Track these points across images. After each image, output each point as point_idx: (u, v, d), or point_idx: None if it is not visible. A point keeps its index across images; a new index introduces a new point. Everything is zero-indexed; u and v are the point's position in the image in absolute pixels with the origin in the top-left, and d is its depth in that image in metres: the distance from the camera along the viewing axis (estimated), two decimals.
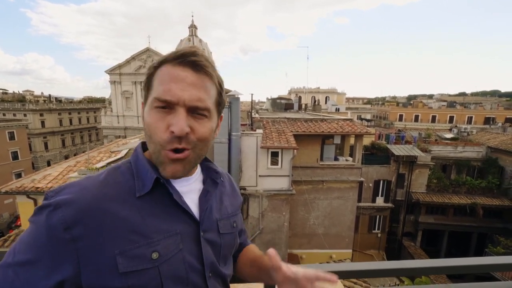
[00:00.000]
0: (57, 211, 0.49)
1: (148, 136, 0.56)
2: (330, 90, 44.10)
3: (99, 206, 0.51)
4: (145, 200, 0.55)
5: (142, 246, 0.52)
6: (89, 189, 0.53)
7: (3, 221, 20.11)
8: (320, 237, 10.50)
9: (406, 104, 42.65)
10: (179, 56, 0.54)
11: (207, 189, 0.67)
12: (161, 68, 0.56)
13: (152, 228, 0.54)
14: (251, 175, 8.73)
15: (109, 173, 0.57)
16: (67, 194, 0.51)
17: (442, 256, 15.48)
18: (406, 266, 0.80)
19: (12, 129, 23.09)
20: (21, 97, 47.97)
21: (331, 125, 10.08)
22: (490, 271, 0.95)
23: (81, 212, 0.49)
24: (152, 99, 0.54)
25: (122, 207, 0.53)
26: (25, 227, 8.04)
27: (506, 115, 31.90)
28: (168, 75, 0.54)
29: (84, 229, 0.49)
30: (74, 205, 0.50)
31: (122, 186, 0.56)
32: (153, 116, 0.54)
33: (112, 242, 0.50)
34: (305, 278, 0.60)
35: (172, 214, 0.58)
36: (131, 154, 0.64)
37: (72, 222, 0.49)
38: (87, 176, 0.57)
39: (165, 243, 0.54)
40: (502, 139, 16.74)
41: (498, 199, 14.41)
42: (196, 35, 35.60)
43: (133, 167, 0.59)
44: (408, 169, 14.16)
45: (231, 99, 7.98)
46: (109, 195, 0.53)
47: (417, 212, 15.10)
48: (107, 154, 9.44)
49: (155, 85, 0.55)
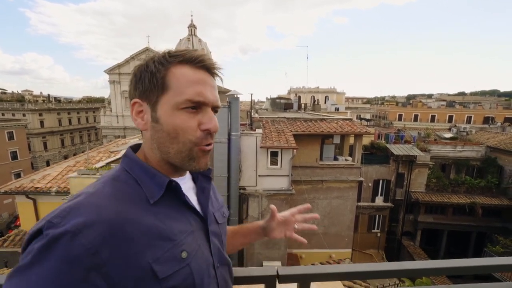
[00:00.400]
0: (79, 238, 0.43)
1: (172, 137, 0.56)
2: (329, 89, 44.12)
3: (121, 221, 0.49)
4: (159, 204, 0.56)
5: (171, 249, 0.53)
6: (104, 206, 0.49)
7: (2, 221, 20.08)
8: (319, 237, 10.51)
9: (406, 104, 42.69)
10: (198, 60, 0.57)
11: (202, 185, 0.69)
12: (177, 69, 0.56)
13: (174, 230, 0.56)
14: (251, 175, 8.74)
15: (114, 185, 0.55)
16: (80, 216, 0.46)
17: (441, 255, 15.52)
18: (407, 268, 0.81)
19: (11, 129, 23.04)
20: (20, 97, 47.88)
21: (330, 125, 10.09)
22: (490, 272, 0.95)
23: (106, 232, 0.46)
24: (181, 100, 0.55)
25: (141, 217, 0.52)
26: (24, 227, 8.03)
27: (505, 115, 31.98)
28: (194, 78, 0.57)
29: (113, 249, 0.46)
30: (96, 226, 0.46)
31: (133, 196, 0.55)
32: (181, 117, 0.56)
33: (144, 253, 0.49)
34: (290, 214, 0.90)
35: (183, 214, 0.60)
36: (123, 161, 0.62)
37: (99, 245, 0.45)
38: (88, 193, 0.52)
39: (188, 242, 0.57)
40: (501, 138, 16.78)
41: (497, 198, 14.44)
42: (195, 34, 35.57)
43: (133, 174, 0.58)
44: (407, 169, 14.18)
45: (230, 99, 7.98)
46: (126, 208, 0.51)
47: (417, 211, 15.12)
48: (107, 154, 9.44)
49: (176, 85, 0.55)
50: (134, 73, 0.60)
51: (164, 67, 0.56)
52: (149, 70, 0.57)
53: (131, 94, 0.61)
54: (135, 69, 0.60)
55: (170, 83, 0.56)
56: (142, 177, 0.57)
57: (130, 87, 0.61)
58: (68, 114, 35.87)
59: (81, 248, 0.43)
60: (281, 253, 9.23)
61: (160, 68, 0.56)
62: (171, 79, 0.56)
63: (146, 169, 0.58)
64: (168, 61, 0.57)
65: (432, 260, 0.89)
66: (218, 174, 8.00)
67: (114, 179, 0.56)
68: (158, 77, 0.56)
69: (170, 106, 0.56)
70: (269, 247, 9.16)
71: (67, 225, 0.44)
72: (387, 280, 7.96)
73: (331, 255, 10.53)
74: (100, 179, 0.57)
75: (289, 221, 0.90)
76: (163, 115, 0.56)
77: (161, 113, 0.56)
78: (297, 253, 10.63)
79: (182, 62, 0.57)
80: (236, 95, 8.12)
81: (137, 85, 0.58)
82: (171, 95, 0.56)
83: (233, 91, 8.35)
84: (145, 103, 0.58)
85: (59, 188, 7.42)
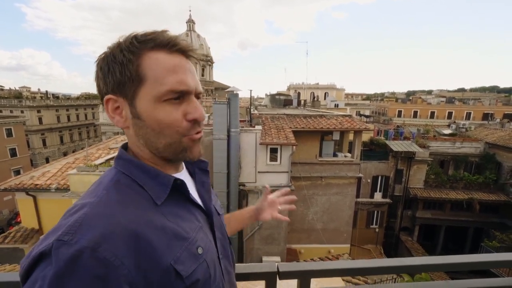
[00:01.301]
0: (100, 252, 0.40)
1: (157, 132, 0.53)
2: (329, 86, 43.95)
3: (137, 227, 0.47)
4: (166, 204, 0.55)
5: (188, 247, 0.53)
6: (117, 214, 0.46)
7: (3, 217, 20.12)
8: (318, 232, 10.60)
9: (405, 100, 42.60)
10: (172, 43, 0.52)
11: (201, 179, 0.68)
12: (150, 55, 0.51)
13: (185, 227, 0.55)
14: (250, 171, 8.76)
15: (118, 191, 0.51)
16: (95, 228, 0.43)
17: (439, 250, 15.70)
18: (406, 264, 0.81)
19: (10, 125, 22.92)
20: (17, 93, 47.50)
21: (330, 121, 10.08)
22: (488, 267, 0.97)
23: (126, 241, 0.44)
24: (162, 91, 0.50)
25: (153, 220, 0.50)
26: (25, 223, 8.05)
27: (504, 111, 32.00)
28: (172, 64, 0.51)
29: (136, 257, 0.44)
30: (115, 236, 0.43)
31: (139, 199, 0.52)
32: (164, 109, 0.51)
33: (164, 255, 0.48)
34: (276, 196, 1.04)
35: (190, 210, 0.60)
36: (117, 164, 0.57)
37: (122, 255, 0.43)
38: (93, 203, 0.48)
39: (200, 237, 0.57)
40: (500, 134, 16.82)
41: (495, 194, 14.55)
42: (194, 30, 35.24)
43: (133, 176, 0.54)
44: (406, 165, 14.24)
45: (229, 95, 7.95)
46: (138, 213, 0.49)
47: (415, 207, 15.23)
48: (106, 151, 9.43)
49: (153, 75, 0.50)
50: (99, 66, 0.53)
51: (135, 55, 0.50)
52: (117, 60, 0.50)
53: (101, 89, 0.54)
54: (100, 61, 0.53)
55: (146, 73, 0.50)
56: (143, 178, 0.55)
57: (98, 81, 0.54)
58: (67, 111, 35.67)
59: (106, 262, 0.40)
60: (281, 249, 9.31)
61: (131, 57, 0.50)
62: (146, 69, 0.50)
63: (146, 170, 0.56)
64: (138, 48, 0.50)
65: (431, 256, 0.90)
66: (218, 171, 8.01)
67: (116, 184, 0.52)
68: (130, 68, 0.50)
69: (151, 99, 0.51)
70: (269, 242, 9.24)
71: (82, 240, 0.40)
72: (385, 275, 8.07)
73: (330, 250, 10.63)
74: (98, 185, 0.53)
75: (275, 202, 1.03)
76: (144, 110, 0.51)
77: (141, 107, 0.51)
78: (296, 248, 10.72)
79: (155, 47, 0.51)
80: (235, 92, 8.10)
81: (106, 79, 0.52)
82: (149, 87, 0.50)
83: (232, 87, 8.33)
84: (120, 98, 0.52)
85: (59, 185, 7.42)
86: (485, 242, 11.99)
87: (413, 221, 15.41)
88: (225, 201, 8.25)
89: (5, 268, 5.30)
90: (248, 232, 9.07)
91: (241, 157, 8.50)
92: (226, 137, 7.88)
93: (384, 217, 14.37)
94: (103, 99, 0.54)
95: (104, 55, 0.53)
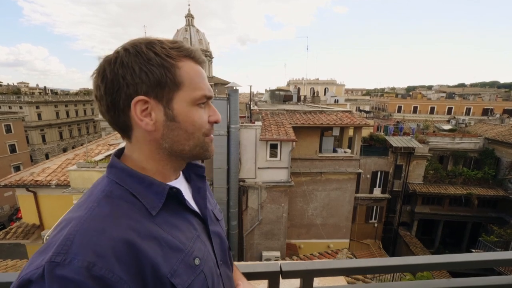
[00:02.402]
0: (96, 270, 0.40)
1: (189, 133, 0.57)
2: (329, 81, 43.72)
3: (132, 240, 0.45)
4: (161, 214, 0.54)
5: (185, 258, 0.52)
6: (109, 227, 0.45)
7: (3, 213, 20.22)
8: (318, 227, 10.68)
9: (405, 96, 42.46)
10: (195, 54, 0.58)
11: (197, 185, 0.68)
12: (185, 63, 0.55)
13: (181, 238, 0.54)
14: (250, 167, 8.77)
15: (109, 204, 0.49)
16: (87, 246, 0.41)
17: (437, 245, 15.87)
18: (409, 263, 0.81)
19: (9, 121, 22.84)
20: (16, 89, 47.19)
21: (330, 117, 10.06)
22: (490, 266, 0.97)
23: (122, 255, 0.43)
24: (197, 95, 0.56)
25: (149, 231, 0.49)
26: (26, 219, 8.10)
27: (504, 106, 31.95)
28: (199, 72, 0.58)
29: (133, 271, 0.43)
30: (110, 251, 0.42)
31: (132, 211, 0.50)
32: (197, 112, 0.57)
33: (161, 268, 0.47)
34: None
35: (186, 219, 0.59)
36: (109, 172, 0.55)
37: (120, 270, 0.42)
38: (82, 218, 0.45)
39: (197, 247, 0.57)
40: (500, 130, 16.82)
41: (493, 189, 14.64)
42: (193, 24, 34.85)
43: (127, 186, 0.53)
44: (405, 161, 14.28)
45: (229, 91, 7.91)
46: (131, 225, 0.48)
47: (414, 202, 15.33)
48: (106, 147, 9.42)
49: (188, 81, 0.55)
50: (124, 64, 0.50)
51: (175, 60, 0.53)
52: (155, 63, 0.51)
53: (123, 89, 0.50)
54: (126, 59, 0.50)
55: (183, 79, 0.54)
56: (136, 188, 0.53)
57: (117, 79, 0.50)
58: (66, 107, 35.50)
59: (104, 280, 0.40)
60: (281, 244, 9.40)
61: (172, 62, 0.53)
62: (183, 75, 0.54)
63: (140, 179, 0.54)
64: (175, 54, 0.54)
65: (433, 255, 0.90)
66: (218, 167, 8.03)
67: (108, 195, 0.50)
68: (173, 72, 0.53)
69: (187, 102, 0.55)
70: (268, 237, 9.32)
71: (75, 261, 0.39)
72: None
73: (329, 245, 10.74)
74: (89, 197, 0.51)
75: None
76: (180, 112, 0.55)
77: (178, 110, 0.54)
78: (296, 243, 10.83)
79: (186, 56, 0.56)
80: (235, 87, 8.05)
81: (136, 79, 0.50)
82: (186, 92, 0.55)
83: (232, 83, 8.27)
84: (153, 100, 0.52)
85: (59, 181, 7.43)
86: (483, 237, 12.12)
87: (411, 216, 15.54)
88: (225, 197, 8.28)
89: (7, 264, 5.35)
90: (248, 228, 9.14)
91: (241, 153, 8.51)
92: (226, 133, 7.86)
93: (383, 212, 14.49)
94: (119, 99, 0.51)
95: (133, 55, 0.51)
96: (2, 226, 17.41)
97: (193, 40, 33.76)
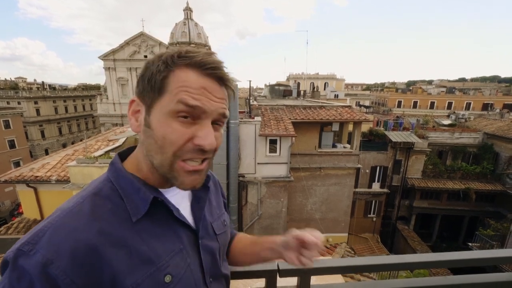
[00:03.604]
0: (51, 268, 0.40)
1: (158, 146, 0.49)
2: (329, 76, 43.47)
3: (98, 245, 0.44)
4: (143, 222, 0.51)
5: (153, 273, 0.49)
6: (80, 227, 0.44)
7: (5, 208, 20.33)
8: (317, 222, 10.78)
9: (405, 90, 42.28)
10: (208, 66, 0.50)
11: (199, 195, 0.64)
12: (181, 72, 0.49)
13: (158, 250, 0.51)
14: (250, 162, 8.79)
15: (93, 202, 0.49)
16: (52, 242, 0.42)
17: (434, 238, 16.07)
18: (406, 261, 0.81)
19: (7, 117, 22.72)
20: (13, 84, 46.84)
21: (329, 112, 10.04)
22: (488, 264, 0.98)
23: (81, 259, 0.42)
24: (174, 103, 0.48)
25: (122, 238, 0.47)
26: (27, 214, 8.15)
27: (504, 101, 31.89)
28: (196, 83, 0.49)
29: (90, 277, 0.42)
30: (70, 253, 0.42)
31: (114, 213, 0.49)
32: (171, 124, 0.49)
33: (123, 280, 0.45)
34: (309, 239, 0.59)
35: (172, 229, 0.55)
36: (109, 169, 0.55)
37: (74, 274, 0.41)
38: (65, 210, 0.47)
39: (174, 263, 0.52)
40: (499, 125, 16.83)
41: (491, 184, 14.74)
42: (191, 18, 34.37)
43: (118, 186, 0.52)
44: (405, 156, 14.32)
45: None
46: (106, 229, 0.46)
47: (412, 197, 15.45)
48: (105, 143, 9.40)
49: (174, 89, 0.48)
50: (143, 67, 0.53)
51: (167, 68, 0.49)
52: (152, 68, 0.50)
53: (134, 89, 0.55)
54: (146, 62, 0.53)
55: (168, 86, 0.49)
56: (127, 190, 0.52)
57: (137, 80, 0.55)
58: (64, 102, 35.30)
59: (55, 280, 0.40)
60: None
61: (163, 68, 0.49)
62: (170, 82, 0.49)
63: (131, 182, 0.53)
64: (174, 62, 0.50)
65: (431, 253, 0.91)
66: (217, 162, 8.05)
67: (95, 193, 0.50)
68: (157, 79, 0.49)
69: (165, 112, 0.49)
70: (268, 232, 9.42)
71: (37, 254, 0.41)
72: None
73: (328, 239, 10.84)
74: (83, 191, 0.52)
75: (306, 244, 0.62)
76: (156, 121, 0.49)
77: (153, 118, 0.50)
78: None
79: (189, 65, 0.50)
80: (234, 83, 7.99)
81: (139, 81, 0.53)
82: (166, 100, 0.49)
83: (232, 78, 8.21)
84: (141, 103, 0.52)
85: (59, 176, 7.45)
86: (479, 231, 12.25)
87: (410, 210, 15.68)
88: (225, 192, 8.32)
89: None
90: (248, 222, 9.22)
91: (240, 149, 8.51)
92: (225, 129, 7.86)
93: (381, 207, 14.60)
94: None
95: (150, 59, 0.53)
96: (4, 221, 17.53)
97: (191, 34, 33.34)
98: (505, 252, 0.93)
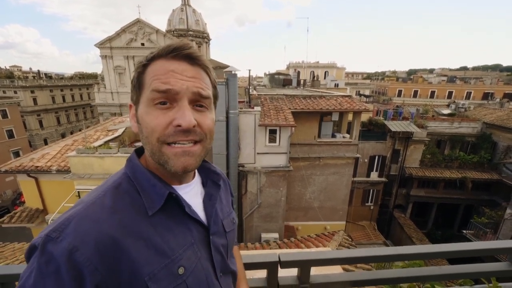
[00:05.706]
0: (77, 255, 0.43)
1: (145, 137, 0.53)
2: (329, 64, 42.78)
3: (119, 236, 0.47)
4: (158, 216, 0.54)
5: (168, 265, 0.52)
6: (102, 219, 0.48)
7: (6, 198, 20.52)
8: (315, 210, 10.97)
9: (406, 79, 41.82)
10: (172, 50, 0.52)
11: (210, 192, 0.67)
12: (152, 64, 0.53)
13: (172, 243, 0.54)
14: (249, 152, 8.82)
15: (114, 195, 0.52)
16: (78, 231, 0.45)
17: (429, 226, 16.44)
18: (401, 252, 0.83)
19: (4, 107, 22.48)
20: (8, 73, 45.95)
21: (329, 102, 9.97)
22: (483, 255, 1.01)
23: (104, 248, 0.45)
24: (149, 93, 0.51)
25: (140, 230, 0.50)
26: (29, 204, 8.24)
27: (505, 90, 31.65)
28: (164, 69, 0.51)
29: (111, 266, 0.45)
30: (94, 242, 0.45)
31: (132, 207, 0.52)
32: (153, 113, 0.51)
33: (140, 269, 0.48)
34: None
35: (184, 225, 0.58)
36: (126, 165, 0.59)
37: (98, 261, 0.44)
38: (89, 202, 0.50)
39: (186, 256, 0.55)
40: (499, 114, 16.80)
41: (488, 173, 14.90)
42: (189, 4, 33.32)
43: (136, 182, 0.55)
44: (403, 145, 14.38)
45: (228, 75, 7.75)
46: (125, 221, 0.49)
47: (409, 185, 15.65)
48: (104, 133, 9.36)
49: (148, 81, 0.52)
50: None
51: (143, 66, 0.54)
52: (135, 71, 0.55)
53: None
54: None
55: (145, 80, 0.53)
56: (144, 185, 0.55)
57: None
58: (61, 91, 34.81)
59: (80, 266, 0.43)
60: (279, 226, 9.70)
61: (140, 67, 0.54)
62: (145, 77, 0.53)
63: (147, 178, 0.56)
64: (147, 58, 0.54)
65: (426, 245, 0.94)
66: (217, 152, 8.07)
67: (116, 187, 0.54)
68: (138, 77, 0.54)
69: (145, 103, 0.53)
70: (267, 220, 9.59)
71: (64, 241, 0.44)
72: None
73: (326, 227, 11.08)
74: (103, 185, 0.55)
75: None
76: (140, 115, 0.54)
77: (139, 113, 0.54)
78: (294, 225, 11.17)
79: (158, 56, 0.53)
80: (233, 72, 7.88)
81: (133, 88, 0.57)
82: (145, 93, 0.53)
83: (231, 67, 8.08)
84: (133, 105, 0.57)
85: (59, 166, 7.48)
86: (474, 219, 12.52)
87: (407, 199, 15.93)
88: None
89: (14, 246, 5.52)
90: (247, 211, 9.38)
91: (240, 139, 8.51)
92: (224, 119, 7.82)
93: (379, 195, 14.82)
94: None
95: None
96: (7, 210, 17.75)
97: (189, 21, 32.42)
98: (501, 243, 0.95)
